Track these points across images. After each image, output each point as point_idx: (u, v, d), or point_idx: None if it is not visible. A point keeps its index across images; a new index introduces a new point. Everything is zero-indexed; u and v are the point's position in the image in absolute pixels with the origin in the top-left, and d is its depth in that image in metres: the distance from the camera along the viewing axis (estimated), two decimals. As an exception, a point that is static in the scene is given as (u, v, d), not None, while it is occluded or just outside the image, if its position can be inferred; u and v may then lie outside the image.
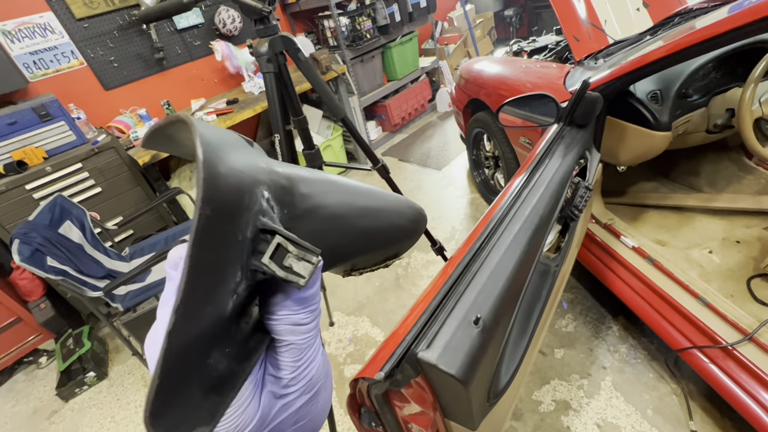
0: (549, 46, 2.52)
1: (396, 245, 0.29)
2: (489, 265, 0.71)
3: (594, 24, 1.59)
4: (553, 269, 1.03)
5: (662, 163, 1.77)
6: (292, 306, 0.21)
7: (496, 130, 2.10)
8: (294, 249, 0.19)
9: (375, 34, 3.18)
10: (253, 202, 0.18)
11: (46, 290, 2.13)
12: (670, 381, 1.40)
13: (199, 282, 0.15)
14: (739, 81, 1.34)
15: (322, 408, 0.25)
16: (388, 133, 3.83)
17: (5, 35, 2.14)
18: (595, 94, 1.13)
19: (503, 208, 0.84)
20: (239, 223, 0.17)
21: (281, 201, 0.21)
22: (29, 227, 1.56)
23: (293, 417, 0.23)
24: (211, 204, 0.15)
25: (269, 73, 0.93)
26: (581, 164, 1.20)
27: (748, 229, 1.45)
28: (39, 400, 1.99)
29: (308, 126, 1.13)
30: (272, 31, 0.92)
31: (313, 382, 0.23)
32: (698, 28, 0.95)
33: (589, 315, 1.71)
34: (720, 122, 1.34)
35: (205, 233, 0.15)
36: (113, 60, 2.55)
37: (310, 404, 0.24)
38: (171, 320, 0.14)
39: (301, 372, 0.22)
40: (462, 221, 2.50)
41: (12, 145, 1.98)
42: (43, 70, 2.31)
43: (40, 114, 2.01)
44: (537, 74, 1.82)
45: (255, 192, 0.18)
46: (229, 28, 2.92)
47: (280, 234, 0.18)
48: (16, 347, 2.10)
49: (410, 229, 0.29)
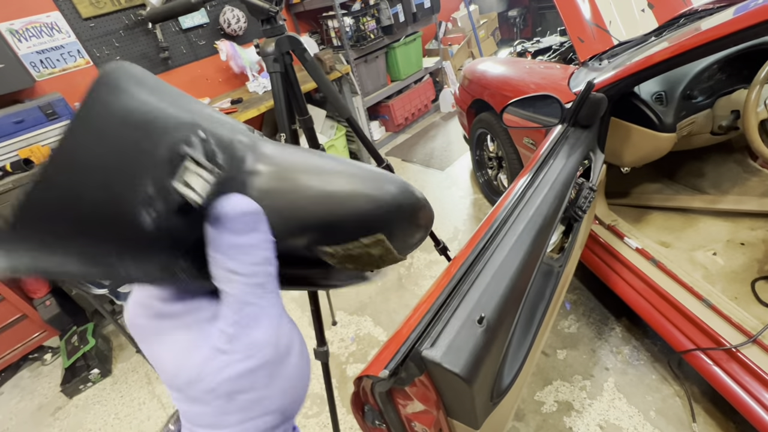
0: (553, 47, 2.52)
1: (373, 223, 0.26)
2: (493, 265, 0.72)
3: (598, 25, 1.59)
4: (557, 270, 1.03)
5: (666, 164, 1.77)
6: (225, 250, 0.21)
7: (500, 131, 2.10)
8: (193, 167, 0.20)
9: (379, 34, 3.19)
10: (180, 132, 0.20)
11: (51, 287, 2.15)
12: (673, 383, 1.40)
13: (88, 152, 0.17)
14: (744, 83, 1.33)
15: (282, 391, 0.23)
16: (391, 134, 3.83)
17: (13, 34, 2.16)
18: (600, 94, 1.13)
19: (507, 208, 0.85)
20: (155, 140, 0.19)
21: (227, 149, 0.22)
22: (36, 225, 1.58)
23: (236, 384, 0.22)
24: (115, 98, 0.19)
25: (276, 73, 0.94)
26: (585, 165, 1.21)
27: (752, 231, 1.44)
28: (44, 397, 2.01)
29: (314, 125, 1.13)
30: (279, 31, 0.92)
31: (257, 348, 0.22)
32: (704, 30, 0.95)
33: (592, 316, 1.71)
34: (725, 124, 1.33)
35: (102, 113, 0.18)
36: (119, 59, 2.56)
37: (260, 377, 0.22)
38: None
39: (241, 330, 0.22)
40: (465, 221, 2.50)
41: (19, 143, 2.00)
42: (49, 69, 2.33)
43: (47, 112, 2.03)
44: (541, 75, 1.82)
45: (187, 128, 0.20)
46: (234, 28, 2.93)
47: (190, 157, 0.20)
48: (21, 344, 2.12)
49: (389, 204, 0.26)
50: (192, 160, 0.20)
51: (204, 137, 0.21)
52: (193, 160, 0.20)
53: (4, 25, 2.12)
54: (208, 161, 0.20)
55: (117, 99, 0.19)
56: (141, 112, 0.19)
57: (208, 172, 0.20)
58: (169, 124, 0.19)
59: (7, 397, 2.06)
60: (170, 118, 0.20)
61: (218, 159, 0.21)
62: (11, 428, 1.89)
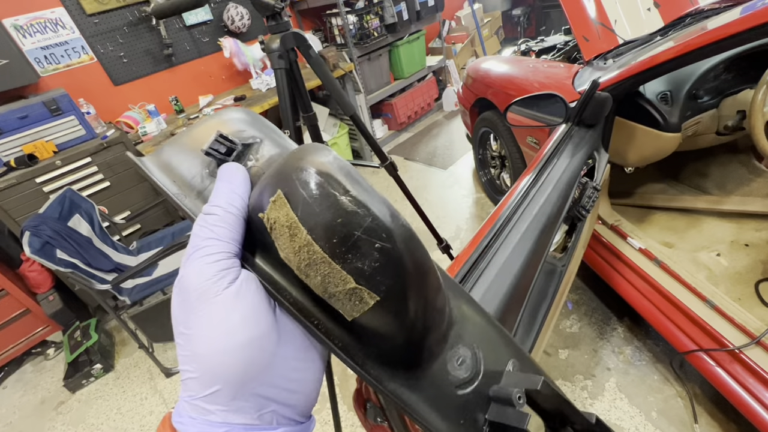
0: (557, 45, 2.50)
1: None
2: (496, 264, 0.71)
3: (604, 24, 1.58)
4: (560, 269, 1.03)
5: (670, 164, 1.76)
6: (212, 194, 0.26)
7: (503, 130, 2.09)
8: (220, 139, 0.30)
9: (382, 32, 3.18)
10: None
11: (54, 283, 2.16)
12: (675, 383, 1.40)
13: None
14: (751, 83, 1.32)
15: (207, 351, 0.22)
16: (394, 132, 3.83)
17: (17, 30, 2.17)
18: (605, 94, 1.12)
19: (511, 206, 0.84)
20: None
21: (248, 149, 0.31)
22: (39, 220, 1.58)
23: (174, 317, 0.24)
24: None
25: (280, 69, 0.94)
26: (589, 164, 1.20)
27: (757, 233, 1.44)
28: (47, 391, 2.02)
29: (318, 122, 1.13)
30: (284, 28, 0.92)
31: (182, 286, 0.23)
32: (710, 29, 0.95)
33: (594, 316, 1.71)
34: (731, 124, 1.33)
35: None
36: (123, 56, 2.57)
37: (179, 317, 0.23)
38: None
39: (183, 259, 0.24)
40: (467, 220, 2.50)
41: (23, 139, 2.01)
42: (53, 64, 2.34)
43: (51, 108, 2.03)
44: (545, 74, 1.81)
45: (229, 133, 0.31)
46: (238, 25, 2.93)
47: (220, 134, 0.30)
48: (24, 338, 2.13)
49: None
50: (220, 135, 0.29)
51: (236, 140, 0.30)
52: (221, 136, 0.29)
53: (9, 21, 2.13)
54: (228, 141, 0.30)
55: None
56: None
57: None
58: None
59: (10, 391, 2.08)
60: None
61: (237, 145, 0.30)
62: (14, 422, 1.90)
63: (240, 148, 0.29)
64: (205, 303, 0.22)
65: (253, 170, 0.29)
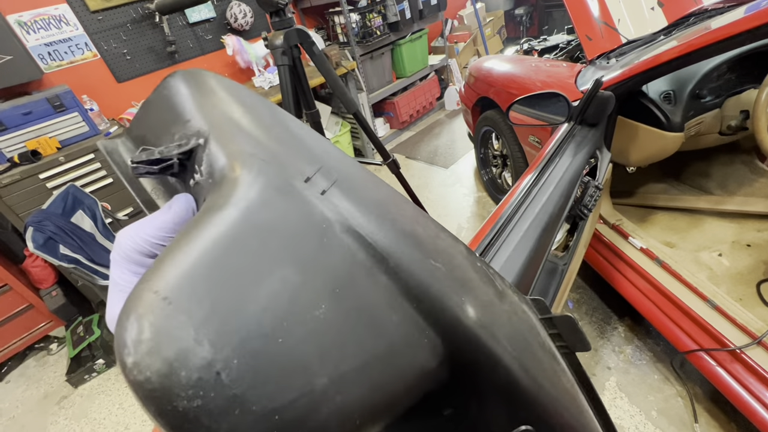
0: (560, 45, 2.50)
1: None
2: (498, 262, 0.72)
3: (607, 23, 1.57)
4: (561, 268, 1.03)
5: (672, 164, 1.76)
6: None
7: (505, 129, 2.09)
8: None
9: (385, 30, 3.18)
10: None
11: (57, 278, 2.17)
12: (675, 383, 1.40)
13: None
14: (755, 82, 1.32)
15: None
16: (395, 131, 3.83)
17: (21, 26, 2.17)
18: (608, 93, 1.12)
19: (513, 205, 0.85)
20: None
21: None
22: (43, 216, 1.59)
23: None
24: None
25: (284, 66, 0.94)
26: (591, 164, 1.20)
27: (759, 233, 1.43)
28: (49, 386, 2.03)
29: (321, 119, 1.13)
30: (287, 24, 0.92)
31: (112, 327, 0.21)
32: (714, 29, 0.94)
33: (595, 315, 1.71)
34: (734, 124, 1.32)
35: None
36: (126, 53, 2.57)
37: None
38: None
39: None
40: (468, 219, 2.50)
41: (26, 135, 2.02)
42: (57, 61, 2.34)
43: (54, 105, 2.04)
44: (547, 73, 1.81)
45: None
46: (241, 23, 2.93)
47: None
48: (27, 333, 2.14)
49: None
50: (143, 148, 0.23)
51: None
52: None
53: (13, 17, 2.13)
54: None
55: None
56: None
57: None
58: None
59: (13, 386, 2.09)
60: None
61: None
62: (17, 416, 1.91)
63: (174, 161, 0.21)
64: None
65: (195, 188, 0.22)
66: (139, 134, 0.27)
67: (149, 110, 0.26)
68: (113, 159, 0.27)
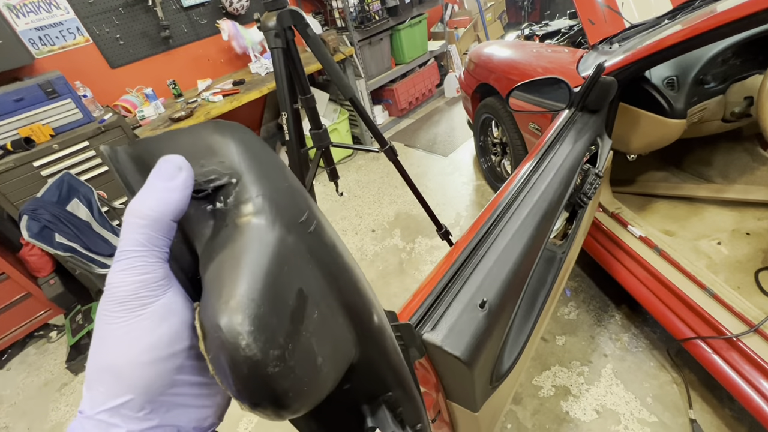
0: (562, 30, 2.45)
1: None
2: (496, 250, 0.71)
3: (610, 7, 1.54)
4: (559, 256, 1.03)
5: (673, 152, 1.74)
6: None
7: (505, 116, 2.07)
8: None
9: (384, 15, 3.12)
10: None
11: (55, 267, 2.16)
12: (671, 370, 1.41)
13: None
14: (759, 68, 1.30)
15: (125, 362, 0.22)
16: (394, 118, 3.78)
17: (10, 10, 2.12)
18: (610, 78, 1.10)
19: (512, 192, 0.83)
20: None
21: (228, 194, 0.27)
22: (37, 204, 1.58)
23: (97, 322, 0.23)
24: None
25: (277, 49, 0.91)
26: (592, 151, 1.18)
27: (759, 221, 1.43)
28: (50, 373, 2.05)
29: (316, 105, 1.11)
30: (281, 5, 0.89)
31: (109, 293, 0.22)
32: (719, 12, 0.92)
33: (592, 303, 1.71)
34: (737, 110, 1.30)
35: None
36: (119, 37, 2.52)
37: (99, 325, 0.23)
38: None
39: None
40: (467, 207, 2.49)
41: (19, 122, 1.99)
42: (48, 46, 2.29)
43: (47, 91, 2.00)
44: (548, 59, 1.78)
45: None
46: (236, 7, 2.86)
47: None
48: (26, 321, 2.15)
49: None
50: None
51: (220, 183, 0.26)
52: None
53: (1, 0, 2.08)
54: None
55: None
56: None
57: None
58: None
59: (14, 373, 2.10)
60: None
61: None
62: (19, 403, 1.93)
63: (208, 191, 0.25)
64: (131, 314, 0.22)
65: (215, 213, 0.26)
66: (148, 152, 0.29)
67: (177, 139, 0.28)
68: (116, 167, 0.27)
